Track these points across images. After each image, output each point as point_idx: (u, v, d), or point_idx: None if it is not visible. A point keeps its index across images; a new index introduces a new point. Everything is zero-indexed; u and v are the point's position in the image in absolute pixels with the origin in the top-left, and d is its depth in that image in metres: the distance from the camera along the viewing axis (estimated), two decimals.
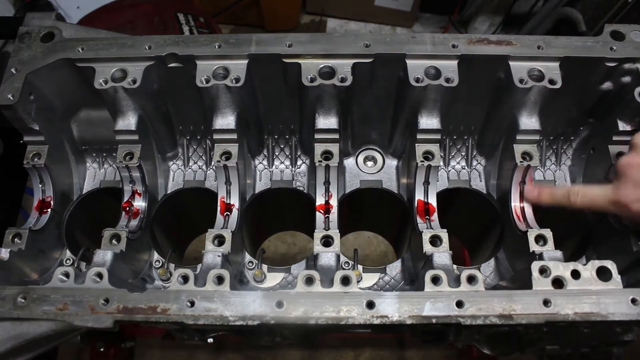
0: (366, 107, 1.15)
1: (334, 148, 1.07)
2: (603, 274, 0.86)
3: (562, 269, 0.86)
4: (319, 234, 1.00)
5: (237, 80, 1.00)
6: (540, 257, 0.97)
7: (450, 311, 0.82)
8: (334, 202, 1.06)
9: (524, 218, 1.06)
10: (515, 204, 1.07)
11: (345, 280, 0.87)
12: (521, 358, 1.14)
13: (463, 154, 1.24)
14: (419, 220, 1.06)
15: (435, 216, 1.07)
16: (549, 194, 1.01)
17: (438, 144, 1.06)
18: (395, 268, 1.19)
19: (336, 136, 1.07)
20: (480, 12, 2.94)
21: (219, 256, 0.96)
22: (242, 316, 0.83)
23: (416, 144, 1.06)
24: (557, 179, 1.21)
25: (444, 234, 0.99)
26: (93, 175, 1.25)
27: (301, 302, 0.84)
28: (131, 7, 1.94)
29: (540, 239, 0.99)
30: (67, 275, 0.89)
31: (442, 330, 0.95)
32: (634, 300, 0.82)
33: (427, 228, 1.04)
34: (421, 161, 1.05)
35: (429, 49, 1.01)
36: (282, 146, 1.25)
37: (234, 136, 1.05)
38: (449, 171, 1.24)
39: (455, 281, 0.87)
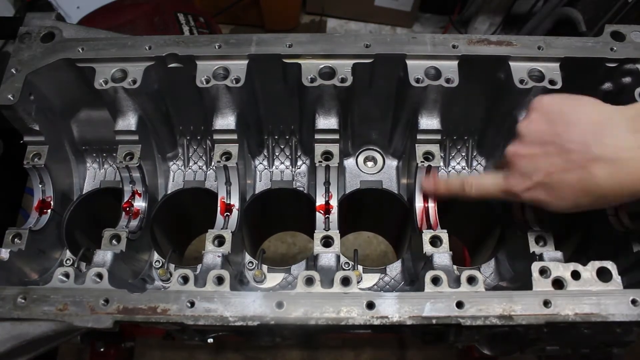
0: (366, 108, 1.15)
1: (334, 148, 1.07)
2: (603, 275, 0.86)
3: (563, 270, 0.86)
4: (319, 234, 1.00)
5: (237, 80, 1.00)
6: (540, 257, 0.97)
7: (450, 312, 0.82)
8: (334, 202, 1.06)
9: (524, 219, 1.06)
10: (516, 204, 1.07)
11: (346, 281, 0.87)
12: (521, 358, 1.14)
13: (463, 154, 1.24)
14: (419, 220, 1.06)
15: (435, 217, 1.06)
16: (445, 185, 1.00)
17: (438, 145, 1.06)
18: (395, 268, 1.19)
19: (336, 136, 1.07)
20: (480, 12, 2.94)
21: (219, 256, 0.96)
22: (242, 317, 0.83)
23: (416, 145, 1.06)
24: None
25: (444, 235, 0.99)
26: (93, 175, 1.25)
27: (301, 303, 0.84)
28: (131, 7, 1.94)
29: (540, 239, 0.99)
30: (67, 275, 0.89)
31: (442, 331, 0.95)
32: (634, 301, 0.82)
33: (427, 228, 1.04)
34: (421, 161, 1.05)
35: (429, 49, 1.01)
36: (282, 146, 1.25)
37: (234, 136, 1.05)
38: (449, 172, 1.24)
39: (456, 282, 0.87)
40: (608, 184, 0.78)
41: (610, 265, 0.86)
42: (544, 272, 0.87)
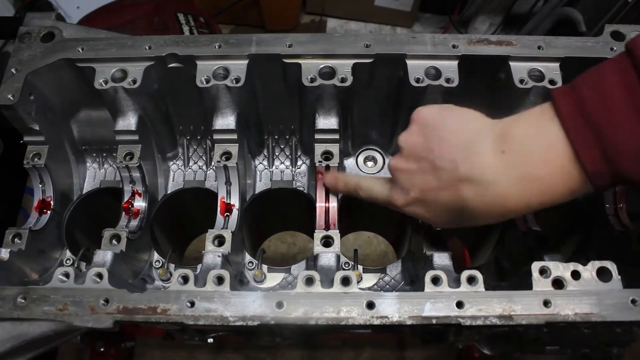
0: (366, 107, 1.15)
1: (334, 148, 1.07)
2: (603, 275, 0.86)
3: (562, 270, 0.86)
4: (319, 234, 1.00)
5: (237, 80, 1.00)
6: (540, 257, 0.97)
7: (450, 312, 0.82)
8: (333, 202, 1.06)
9: (524, 219, 1.06)
10: None
11: (346, 281, 0.87)
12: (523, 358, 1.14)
13: None
14: (419, 220, 1.06)
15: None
16: (343, 183, 0.99)
17: None
18: (395, 268, 1.19)
19: (336, 136, 1.07)
20: (480, 12, 2.94)
21: (219, 256, 0.96)
22: (242, 316, 0.83)
23: None
24: None
25: (444, 235, 0.99)
26: (93, 175, 1.25)
27: (301, 303, 0.84)
28: (131, 7, 1.94)
29: (540, 239, 0.99)
30: (67, 275, 0.89)
31: (442, 331, 0.96)
32: (634, 301, 0.82)
33: (427, 228, 1.04)
34: None
35: (429, 49, 1.01)
36: (282, 146, 1.25)
37: (234, 136, 1.05)
38: None
39: (455, 282, 0.87)
40: (476, 205, 0.76)
41: (610, 265, 0.86)
42: (544, 272, 0.87)
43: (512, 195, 0.73)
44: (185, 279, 0.89)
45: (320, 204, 1.05)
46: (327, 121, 1.07)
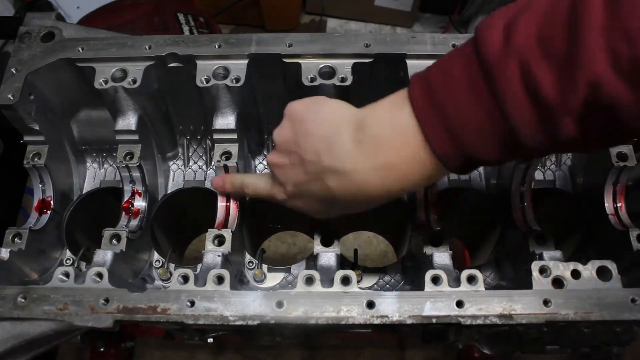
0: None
1: None
2: (603, 274, 0.86)
3: (562, 269, 0.86)
4: (319, 233, 1.00)
5: (237, 80, 1.00)
6: (540, 257, 0.97)
7: (450, 311, 0.82)
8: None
9: (524, 219, 1.06)
10: (516, 205, 1.07)
11: (346, 280, 0.87)
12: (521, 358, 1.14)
13: None
14: (419, 220, 1.06)
15: (435, 217, 1.06)
16: (230, 183, 0.99)
17: None
18: (395, 268, 1.19)
19: None
20: (480, 12, 2.94)
21: (219, 256, 0.96)
22: (242, 316, 0.83)
23: None
24: (558, 178, 1.21)
25: (444, 234, 0.99)
26: (93, 175, 1.25)
27: (301, 302, 0.84)
28: (131, 7, 1.94)
29: (540, 239, 0.99)
30: (67, 275, 0.89)
31: (442, 330, 0.95)
32: (634, 300, 0.82)
33: (427, 228, 1.04)
34: None
35: (429, 49, 1.01)
36: None
37: (234, 136, 1.05)
38: None
39: (456, 281, 0.87)
40: (342, 194, 0.76)
41: (610, 264, 0.86)
42: (544, 271, 0.87)
43: (372, 183, 0.74)
44: (185, 279, 0.89)
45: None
46: None
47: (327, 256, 0.97)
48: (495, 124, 0.63)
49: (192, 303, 0.84)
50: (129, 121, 1.05)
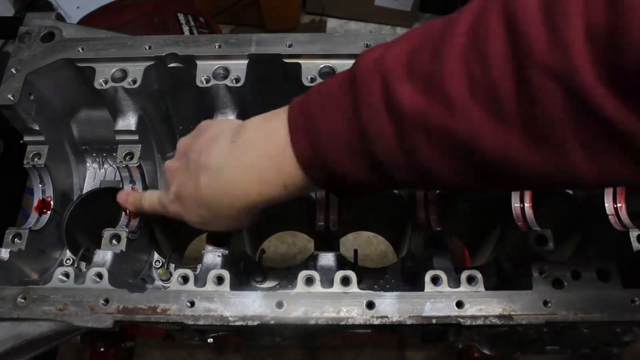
0: None
1: None
2: (603, 275, 0.86)
3: (562, 270, 0.86)
4: (319, 234, 1.00)
5: (237, 80, 1.00)
6: (540, 257, 0.96)
7: (450, 311, 0.82)
8: (334, 202, 1.06)
9: (524, 219, 1.06)
10: (516, 205, 1.07)
11: (346, 281, 0.87)
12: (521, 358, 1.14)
13: None
14: (419, 220, 1.06)
15: (435, 217, 1.06)
16: (132, 199, 0.99)
17: None
18: (395, 268, 1.19)
19: None
20: None
21: (219, 256, 0.96)
22: (242, 316, 0.83)
23: None
24: None
25: (444, 235, 0.99)
26: (93, 175, 1.25)
27: (301, 303, 0.84)
28: (131, 7, 1.94)
29: (540, 239, 0.99)
30: (67, 275, 0.89)
31: (442, 331, 0.95)
32: (633, 301, 0.82)
33: (427, 228, 1.04)
34: None
35: None
36: None
37: None
38: None
39: (455, 281, 0.87)
40: (209, 192, 0.77)
41: (610, 265, 0.86)
42: (543, 272, 0.87)
43: (235, 181, 0.74)
44: (185, 279, 0.89)
45: (320, 204, 1.05)
46: None
47: (327, 256, 0.97)
48: (355, 136, 0.63)
49: (192, 303, 0.84)
50: (129, 121, 1.05)
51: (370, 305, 0.83)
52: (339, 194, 0.75)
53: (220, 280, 0.88)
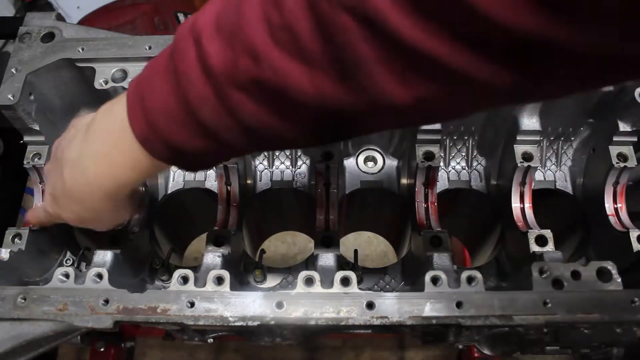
0: None
1: (335, 148, 1.07)
2: (603, 275, 0.86)
3: (562, 270, 0.86)
4: (319, 234, 1.00)
5: None
6: (540, 257, 0.97)
7: (450, 312, 0.82)
8: (334, 202, 1.06)
9: (525, 219, 1.06)
10: (516, 205, 1.07)
11: (345, 281, 0.87)
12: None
13: (463, 154, 1.24)
14: (419, 220, 1.06)
15: (435, 217, 1.06)
16: (30, 215, 0.98)
17: (438, 145, 1.06)
18: (395, 268, 1.19)
19: None
20: None
21: (219, 256, 0.96)
22: (242, 317, 0.83)
23: (416, 145, 1.06)
24: (558, 179, 1.21)
25: (444, 235, 0.99)
26: None
27: (301, 303, 0.84)
28: (131, 7, 1.94)
29: (540, 239, 0.99)
30: (67, 275, 0.89)
31: (442, 331, 0.95)
32: (633, 301, 0.82)
33: (427, 228, 1.04)
34: (421, 161, 1.05)
35: None
36: None
37: None
38: (449, 171, 1.24)
39: (455, 282, 0.87)
40: (73, 185, 0.77)
41: (610, 265, 0.86)
42: (543, 272, 0.87)
43: (90, 170, 0.74)
44: (185, 279, 0.89)
45: (320, 204, 1.05)
46: None
47: (327, 257, 0.97)
48: (181, 105, 0.61)
49: (192, 304, 0.84)
50: None
51: (370, 305, 0.83)
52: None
53: (220, 280, 0.88)
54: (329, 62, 0.50)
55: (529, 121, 1.05)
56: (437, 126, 1.06)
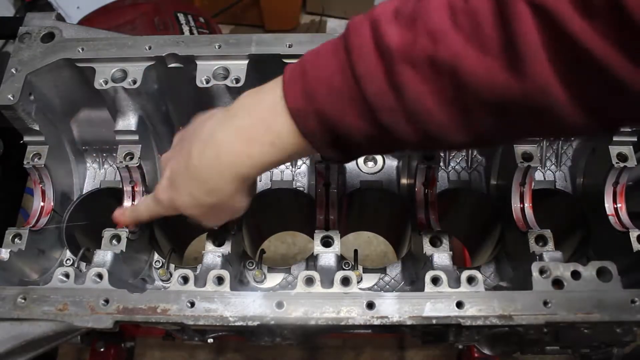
0: None
1: None
2: (603, 275, 0.86)
3: (563, 270, 0.86)
4: (319, 234, 1.00)
5: (237, 80, 1.00)
6: (540, 257, 0.97)
7: (450, 312, 0.82)
8: (334, 202, 1.06)
9: (525, 219, 1.06)
10: (516, 205, 1.07)
11: (346, 281, 0.87)
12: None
13: (463, 154, 1.24)
14: (419, 220, 1.06)
15: (435, 217, 1.06)
16: (129, 212, 0.98)
17: None
18: (395, 268, 1.19)
19: None
20: None
21: (219, 256, 0.96)
22: (242, 317, 0.83)
23: None
24: (558, 179, 1.21)
25: (444, 235, 0.99)
26: (93, 175, 1.25)
27: (301, 303, 0.84)
28: (131, 7, 1.94)
29: (540, 239, 0.99)
30: (67, 275, 0.89)
31: (442, 331, 0.95)
32: (633, 301, 0.82)
33: (427, 228, 1.04)
34: (421, 162, 1.05)
35: None
36: None
37: None
38: (449, 172, 1.24)
39: (456, 282, 0.87)
40: (200, 161, 0.76)
41: (610, 265, 0.86)
42: (544, 272, 0.87)
43: (224, 143, 0.74)
44: (185, 279, 0.89)
45: (320, 204, 1.05)
46: None
47: (327, 257, 0.97)
48: (346, 79, 0.63)
49: (192, 304, 0.84)
50: (129, 121, 1.05)
51: (371, 305, 0.83)
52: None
53: (220, 280, 0.88)
54: (501, 48, 0.53)
55: None
56: None
